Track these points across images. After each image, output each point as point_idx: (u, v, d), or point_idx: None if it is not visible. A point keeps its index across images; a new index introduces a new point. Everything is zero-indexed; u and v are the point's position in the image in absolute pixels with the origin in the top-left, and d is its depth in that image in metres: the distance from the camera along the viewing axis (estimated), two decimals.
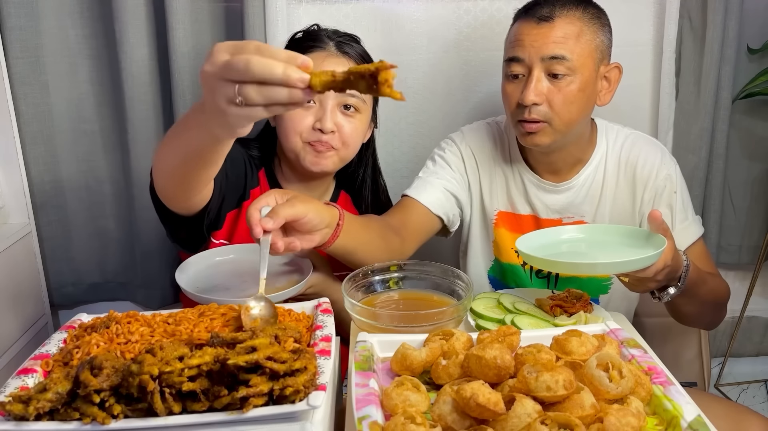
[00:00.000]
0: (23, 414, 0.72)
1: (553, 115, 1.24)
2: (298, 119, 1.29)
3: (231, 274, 1.22)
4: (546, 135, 1.26)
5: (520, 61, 1.24)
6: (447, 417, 0.75)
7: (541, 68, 1.23)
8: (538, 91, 1.22)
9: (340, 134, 1.31)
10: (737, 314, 1.87)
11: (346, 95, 1.29)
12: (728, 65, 1.66)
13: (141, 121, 1.65)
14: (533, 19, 1.23)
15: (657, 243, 1.05)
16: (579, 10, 1.24)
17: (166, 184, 1.10)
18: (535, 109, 1.23)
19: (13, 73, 1.62)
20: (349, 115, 1.32)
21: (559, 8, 1.23)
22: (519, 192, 1.41)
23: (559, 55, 1.21)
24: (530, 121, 1.24)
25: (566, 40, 1.22)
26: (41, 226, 1.73)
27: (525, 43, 1.23)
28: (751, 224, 1.85)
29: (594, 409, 0.74)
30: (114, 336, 0.90)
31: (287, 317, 0.97)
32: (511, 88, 1.27)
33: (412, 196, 1.38)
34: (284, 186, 1.41)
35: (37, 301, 1.73)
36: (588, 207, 1.38)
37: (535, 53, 1.22)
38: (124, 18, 1.57)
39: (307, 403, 0.73)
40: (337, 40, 1.33)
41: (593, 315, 1.10)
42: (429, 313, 1.03)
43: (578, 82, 1.23)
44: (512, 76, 1.26)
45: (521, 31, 1.25)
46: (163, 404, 0.72)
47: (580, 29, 1.23)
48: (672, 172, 1.35)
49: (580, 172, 1.37)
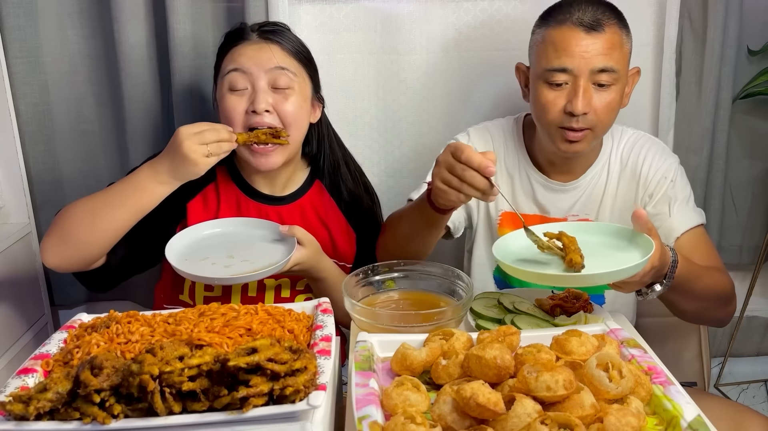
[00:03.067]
0: (24, 414, 0.72)
1: (596, 123, 1.25)
2: (233, 105, 1.27)
3: (219, 248, 1.25)
4: (587, 141, 1.28)
5: (567, 71, 1.23)
6: (447, 417, 0.75)
7: (589, 78, 1.23)
8: (587, 101, 1.22)
9: (279, 114, 1.27)
10: (737, 314, 1.87)
11: (277, 70, 1.26)
12: (729, 65, 1.66)
13: (139, 121, 1.65)
14: (580, 28, 1.21)
15: (642, 244, 1.04)
16: (616, 17, 1.24)
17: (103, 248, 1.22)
18: (583, 119, 1.24)
19: (12, 72, 1.62)
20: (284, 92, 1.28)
21: (605, 17, 1.22)
22: (525, 192, 1.41)
23: (609, 67, 1.22)
24: (576, 130, 1.25)
25: (613, 50, 1.22)
26: (41, 226, 1.73)
27: (575, 54, 1.21)
28: (751, 224, 1.85)
29: (594, 409, 0.74)
30: (114, 336, 0.90)
31: (287, 317, 0.97)
32: (554, 96, 1.25)
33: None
34: (246, 177, 1.38)
35: (37, 301, 1.73)
36: (591, 206, 1.39)
37: (585, 65, 1.21)
38: (123, 18, 1.57)
39: (308, 403, 0.73)
40: (260, 30, 1.31)
41: (593, 315, 1.10)
42: (429, 313, 1.04)
43: (619, 90, 1.25)
44: (555, 84, 1.25)
45: (568, 40, 1.22)
46: (164, 404, 0.72)
47: (621, 39, 1.24)
48: (671, 164, 1.36)
49: (587, 172, 1.38)
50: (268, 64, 1.26)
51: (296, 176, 1.42)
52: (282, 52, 1.29)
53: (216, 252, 1.24)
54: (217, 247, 1.26)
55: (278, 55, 1.28)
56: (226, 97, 1.28)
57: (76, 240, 1.18)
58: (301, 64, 1.32)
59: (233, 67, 1.27)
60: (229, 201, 1.37)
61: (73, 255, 1.15)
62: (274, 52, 1.28)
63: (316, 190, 1.43)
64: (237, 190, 1.38)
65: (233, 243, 1.27)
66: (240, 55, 1.28)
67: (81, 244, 1.18)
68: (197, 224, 1.32)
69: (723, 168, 1.74)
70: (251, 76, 1.26)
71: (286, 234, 1.25)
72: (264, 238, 1.28)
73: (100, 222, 1.18)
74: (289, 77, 1.28)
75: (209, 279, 1.17)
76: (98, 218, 1.18)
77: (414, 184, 1.47)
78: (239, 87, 1.26)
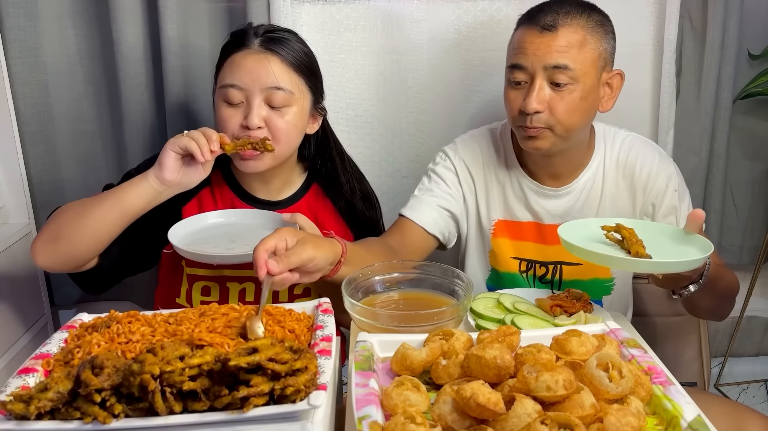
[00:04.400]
0: (24, 414, 0.72)
1: (554, 122, 1.24)
2: (227, 118, 1.27)
3: (221, 235, 1.26)
4: (546, 139, 1.26)
5: (522, 68, 1.24)
6: (447, 417, 0.75)
7: (544, 77, 1.23)
8: (540, 100, 1.22)
9: (270, 129, 1.26)
10: (737, 314, 1.87)
11: (273, 89, 1.25)
12: (729, 65, 1.66)
13: (137, 122, 1.66)
14: (536, 27, 1.23)
15: (693, 242, 1.10)
16: (583, 18, 1.23)
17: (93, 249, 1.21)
18: (536, 117, 1.23)
19: (12, 72, 1.62)
20: (279, 110, 1.27)
21: (563, 16, 1.22)
22: (518, 199, 1.40)
23: (562, 64, 1.21)
24: (530, 128, 1.25)
25: (569, 49, 1.22)
26: (41, 226, 1.73)
27: (528, 51, 1.23)
28: (751, 224, 1.85)
29: (594, 409, 0.74)
30: (115, 336, 0.90)
31: (287, 317, 0.97)
32: (514, 95, 1.27)
33: (408, 216, 1.39)
34: (240, 181, 1.39)
35: (37, 301, 1.73)
36: (589, 211, 1.38)
37: (537, 62, 1.22)
38: (120, 18, 1.57)
39: (308, 403, 0.73)
40: (263, 37, 1.28)
41: (593, 315, 1.10)
42: (429, 313, 1.04)
43: (580, 90, 1.23)
44: (515, 82, 1.26)
45: (524, 38, 1.24)
46: (164, 403, 0.72)
47: (583, 38, 1.23)
48: (671, 172, 1.36)
49: (579, 176, 1.37)
50: (264, 82, 1.25)
51: (292, 180, 1.42)
52: (281, 66, 1.26)
53: (218, 239, 1.25)
54: (219, 235, 1.27)
55: (277, 69, 1.26)
56: (222, 108, 1.28)
57: (64, 240, 1.18)
58: (302, 76, 1.29)
59: (230, 83, 1.26)
60: (224, 205, 1.37)
61: (63, 255, 1.15)
62: (273, 65, 1.25)
63: (313, 194, 1.43)
64: (232, 194, 1.38)
65: (235, 231, 1.28)
66: (238, 68, 1.26)
67: (69, 244, 1.18)
68: (200, 214, 1.33)
69: (723, 168, 1.75)
70: (247, 92, 1.25)
71: (288, 221, 1.26)
72: (266, 227, 1.29)
73: (88, 223, 1.18)
74: (285, 96, 1.26)
75: (210, 257, 1.17)
76: (87, 218, 1.18)
77: (414, 184, 1.46)
78: (234, 101, 1.26)
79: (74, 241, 1.19)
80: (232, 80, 1.26)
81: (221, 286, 1.33)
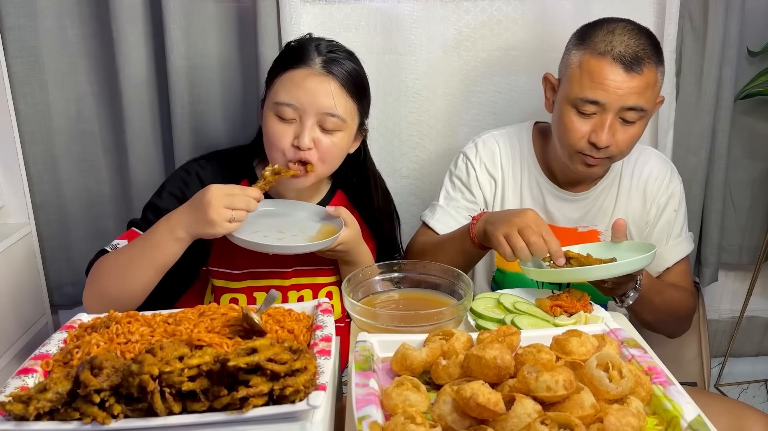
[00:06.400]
0: (23, 414, 0.72)
1: (616, 153, 1.27)
2: (279, 135, 1.25)
3: (268, 224, 1.27)
4: (603, 167, 1.32)
5: (598, 103, 1.23)
6: (447, 417, 0.75)
7: (617, 114, 1.24)
8: (612, 134, 1.24)
9: (318, 150, 1.26)
10: (737, 314, 1.87)
11: (327, 115, 1.24)
12: (729, 65, 1.66)
13: (138, 121, 1.65)
14: (620, 65, 1.21)
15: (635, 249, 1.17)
16: (655, 51, 1.24)
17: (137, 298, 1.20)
18: (604, 150, 1.26)
19: (12, 72, 1.62)
20: (330, 132, 1.26)
21: (645, 54, 1.21)
22: (535, 201, 1.43)
23: (638, 106, 1.23)
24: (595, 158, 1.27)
25: (647, 90, 1.23)
26: (41, 226, 1.73)
27: (609, 90, 1.21)
28: (751, 224, 1.85)
29: (594, 409, 0.74)
30: (114, 336, 0.90)
31: (287, 317, 0.97)
32: (580, 123, 1.26)
33: (433, 227, 1.42)
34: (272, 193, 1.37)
35: (37, 301, 1.73)
36: (603, 218, 1.42)
37: (617, 101, 1.22)
38: (121, 18, 1.57)
39: (307, 403, 0.73)
40: (326, 57, 1.26)
41: (593, 315, 1.10)
42: (429, 313, 1.03)
43: (644, 124, 1.27)
44: (584, 113, 1.25)
45: (605, 74, 1.21)
46: (163, 404, 0.72)
47: (656, 77, 1.25)
48: (676, 191, 1.42)
49: (598, 184, 1.42)
50: (321, 107, 1.23)
51: (320, 187, 1.43)
52: (339, 91, 1.25)
53: (266, 227, 1.25)
54: (266, 224, 1.27)
55: (336, 93, 1.24)
56: (273, 122, 1.25)
57: (111, 297, 1.18)
58: (355, 101, 1.28)
59: (287, 101, 1.23)
60: None
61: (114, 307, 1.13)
62: (333, 89, 1.24)
63: (338, 200, 1.44)
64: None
65: (281, 221, 1.29)
66: (298, 87, 1.23)
67: (118, 301, 1.17)
68: None
69: (723, 168, 1.74)
70: (301, 112, 1.23)
71: (333, 214, 1.28)
72: (309, 218, 1.32)
73: (128, 280, 1.18)
74: (338, 123, 1.25)
75: (266, 247, 1.17)
76: (126, 276, 1.18)
77: (414, 184, 1.47)
78: (287, 117, 1.24)
79: (121, 298, 1.18)
80: (289, 99, 1.23)
81: (248, 297, 1.33)
